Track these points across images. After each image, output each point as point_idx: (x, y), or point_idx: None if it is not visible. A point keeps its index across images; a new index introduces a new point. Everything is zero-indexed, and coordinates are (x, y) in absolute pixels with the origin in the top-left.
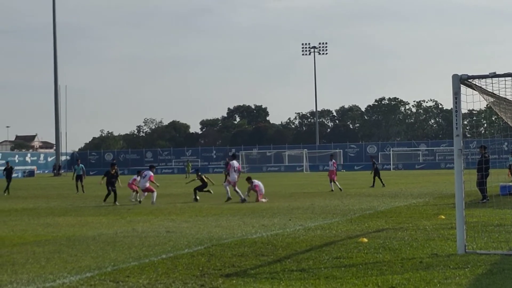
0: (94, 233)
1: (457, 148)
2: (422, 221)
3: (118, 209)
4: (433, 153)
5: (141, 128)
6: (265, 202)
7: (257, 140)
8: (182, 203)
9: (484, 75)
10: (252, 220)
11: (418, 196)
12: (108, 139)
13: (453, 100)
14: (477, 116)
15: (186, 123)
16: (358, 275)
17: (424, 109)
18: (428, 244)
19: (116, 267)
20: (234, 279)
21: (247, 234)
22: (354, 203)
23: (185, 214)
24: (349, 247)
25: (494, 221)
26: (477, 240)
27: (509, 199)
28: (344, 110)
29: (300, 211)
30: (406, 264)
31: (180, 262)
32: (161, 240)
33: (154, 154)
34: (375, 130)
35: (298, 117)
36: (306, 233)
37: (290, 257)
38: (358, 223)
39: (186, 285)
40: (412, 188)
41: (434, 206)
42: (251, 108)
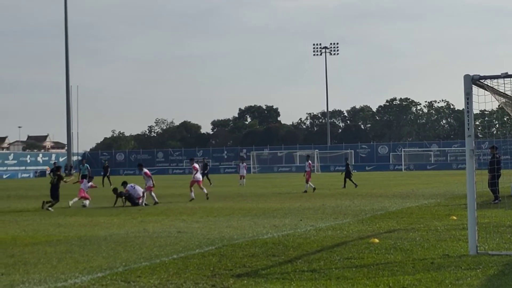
0: (105, 233)
1: (469, 148)
2: (434, 221)
3: (129, 209)
4: (445, 154)
5: (152, 129)
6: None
7: (268, 140)
8: (192, 204)
9: (496, 75)
10: (263, 220)
11: (430, 196)
12: (120, 139)
13: (465, 100)
14: (489, 116)
15: (197, 124)
16: (369, 276)
17: (435, 110)
18: (439, 245)
19: (127, 267)
20: (245, 280)
21: (258, 235)
22: (365, 203)
23: (196, 215)
24: (360, 247)
25: (506, 222)
26: (489, 241)
27: None
28: (356, 110)
29: (311, 211)
30: (417, 265)
31: (191, 263)
32: (172, 241)
33: (165, 154)
34: (386, 130)
35: (309, 118)
36: (317, 234)
37: (301, 257)
38: (369, 224)
39: (197, 285)
40: (424, 188)
41: (445, 207)
42: (262, 109)
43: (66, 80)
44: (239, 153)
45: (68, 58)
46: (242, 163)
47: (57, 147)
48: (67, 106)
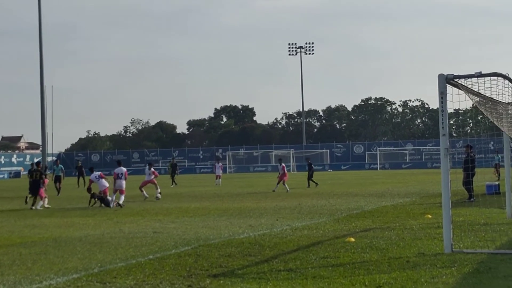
0: (80, 234)
1: (444, 147)
2: (409, 220)
3: (104, 210)
4: (420, 153)
5: (127, 129)
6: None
7: (244, 140)
8: (168, 204)
9: (470, 74)
10: (239, 220)
11: (405, 195)
12: (95, 139)
13: (439, 99)
14: (463, 115)
15: (172, 124)
16: (345, 275)
17: (410, 109)
18: (415, 243)
19: (103, 268)
20: (221, 280)
21: (234, 235)
22: (341, 203)
23: (172, 215)
24: (336, 246)
25: (480, 220)
26: (464, 239)
27: (495, 198)
28: (331, 110)
29: (287, 211)
30: (393, 264)
31: (167, 263)
32: (148, 241)
33: (141, 154)
34: (361, 130)
35: (285, 117)
36: (293, 233)
37: (277, 257)
38: (345, 223)
39: (173, 286)
40: (399, 187)
41: (420, 206)
42: (238, 108)
43: (41, 81)
44: (215, 153)
45: (42, 59)
46: (218, 163)
47: (31, 148)
48: (42, 107)
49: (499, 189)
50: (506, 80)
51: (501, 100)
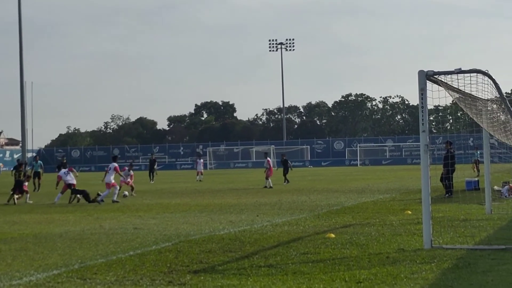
0: (61, 230)
1: (423, 143)
2: (389, 216)
3: (85, 206)
4: (400, 149)
5: (108, 125)
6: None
7: (224, 136)
8: (149, 200)
9: (450, 71)
10: (219, 216)
11: (385, 191)
12: (75, 135)
13: (419, 96)
14: (443, 112)
15: (153, 120)
16: (325, 271)
17: (390, 105)
18: (394, 239)
19: (83, 264)
20: (202, 275)
21: (215, 231)
22: (321, 198)
23: (152, 211)
24: (316, 242)
25: (460, 216)
26: (443, 235)
27: (475, 194)
28: (311, 106)
29: (267, 207)
30: (373, 259)
31: (148, 259)
32: (129, 237)
33: (121, 150)
34: (342, 126)
35: (265, 113)
36: (274, 229)
37: (258, 253)
38: (325, 219)
39: (154, 282)
40: (379, 183)
41: (400, 202)
42: (218, 105)
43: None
44: (195, 149)
45: (22, 55)
46: (200, 159)
47: (11, 144)
48: (21, 103)
49: (479, 185)
50: (485, 76)
51: (481, 97)
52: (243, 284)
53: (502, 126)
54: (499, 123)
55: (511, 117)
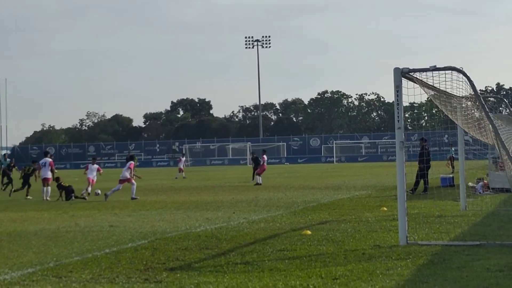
0: (35, 228)
1: (399, 140)
2: (365, 213)
3: (60, 204)
4: (375, 146)
5: (83, 122)
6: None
7: (200, 133)
8: (125, 197)
9: (425, 68)
10: (196, 213)
11: (361, 188)
12: (50, 133)
13: (395, 93)
14: (418, 109)
15: (129, 117)
16: (302, 267)
17: (366, 102)
18: (370, 235)
19: (58, 263)
20: (178, 273)
21: (191, 228)
22: (298, 195)
23: (128, 208)
24: (292, 239)
25: (435, 212)
26: (419, 231)
27: (450, 191)
28: (288, 103)
29: (244, 204)
30: (349, 256)
31: (124, 257)
32: (104, 235)
33: (97, 148)
34: (318, 123)
35: (241, 110)
36: (250, 226)
37: (234, 250)
38: (301, 216)
39: (130, 280)
40: (355, 180)
41: (376, 198)
42: (194, 102)
43: None
44: (171, 146)
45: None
46: (183, 157)
47: None
48: None
49: (453, 182)
50: (460, 74)
51: (456, 94)
52: (219, 281)
53: (476, 123)
54: (474, 120)
55: (485, 114)
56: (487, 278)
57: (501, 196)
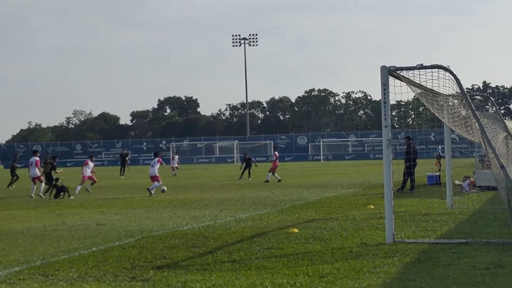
0: (22, 227)
1: (386, 138)
2: (352, 211)
3: (47, 202)
4: (362, 144)
5: (70, 120)
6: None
7: (187, 131)
8: (112, 196)
9: (412, 66)
10: (183, 212)
11: (348, 186)
12: (36, 131)
13: (382, 91)
14: (405, 107)
15: (116, 115)
16: (289, 265)
17: (353, 100)
18: (357, 233)
19: (45, 261)
20: (165, 271)
21: (178, 226)
22: (285, 194)
23: (115, 207)
24: (280, 237)
25: (421, 210)
26: (405, 229)
27: (436, 189)
28: (275, 101)
29: (231, 202)
30: (336, 254)
31: (111, 255)
32: (91, 233)
33: (84, 146)
34: (305, 121)
35: (228, 109)
36: (237, 224)
37: (222, 248)
38: (288, 214)
39: (117, 278)
40: (342, 178)
41: (363, 196)
42: (181, 100)
43: None
44: (159, 144)
45: None
46: (176, 155)
47: None
48: None
49: (440, 180)
50: (447, 72)
51: (442, 92)
52: (206, 280)
53: (463, 121)
54: (460, 118)
55: (472, 112)
56: (473, 275)
57: (488, 194)
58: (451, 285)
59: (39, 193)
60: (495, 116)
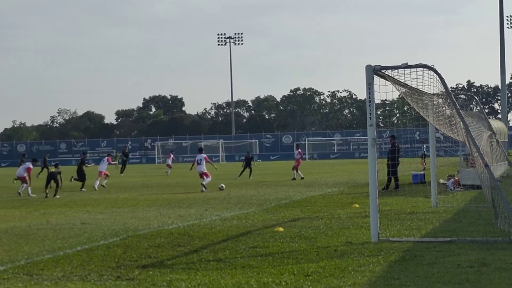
0: (6, 226)
1: (371, 137)
2: (337, 210)
3: (31, 201)
4: (348, 143)
5: (55, 119)
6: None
7: (173, 130)
8: (97, 195)
9: (397, 65)
10: (168, 210)
11: (333, 185)
12: (21, 130)
13: (367, 90)
14: (390, 106)
15: (101, 114)
16: (274, 264)
17: (338, 99)
18: (342, 232)
19: (29, 260)
20: (150, 270)
21: (164, 225)
22: (270, 192)
23: (100, 206)
24: (265, 236)
25: (406, 209)
26: (390, 228)
27: (421, 188)
28: (260, 100)
29: (216, 201)
30: (321, 253)
31: (96, 254)
32: (76, 232)
33: (68, 145)
34: (290, 120)
35: (214, 108)
36: (223, 223)
37: (207, 247)
38: (274, 213)
39: (102, 277)
40: (327, 177)
41: (348, 195)
42: (166, 99)
43: None
44: (144, 143)
45: None
46: (172, 153)
47: None
48: None
49: (425, 179)
50: (431, 71)
51: (427, 91)
52: (192, 279)
53: (447, 120)
54: (445, 117)
55: (456, 111)
56: (458, 274)
57: (472, 193)
58: (435, 284)
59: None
60: (479, 115)
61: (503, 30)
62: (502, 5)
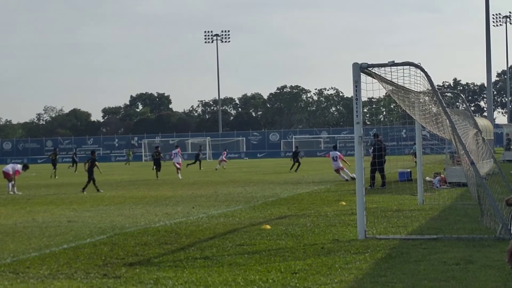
0: None
1: (358, 135)
2: (324, 207)
3: (17, 199)
4: (334, 141)
5: (41, 116)
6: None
7: (160, 128)
8: (83, 193)
9: (383, 63)
10: (155, 208)
11: (320, 183)
12: (7, 127)
13: (354, 88)
14: (377, 104)
15: (87, 111)
16: (261, 262)
17: (325, 97)
18: (329, 230)
19: (15, 258)
20: (137, 268)
21: (150, 223)
22: (257, 190)
23: (87, 203)
24: (252, 234)
25: (393, 206)
26: (377, 226)
27: (407, 185)
28: (247, 98)
29: (203, 199)
30: (308, 250)
31: (82, 252)
32: (63, 230)
33: (55, 142)
34: (277, 117)
35: (201, 105)
36: (210, 221)
37: (194, 245)
38: (261, 210)
39: (89, 275)
40: (314, 175)
41: (335, 193)
42: (153, 96)
43: None
44: (130, 141)
45: None
46: (176, 148)
47: None
48: None
49: (411, 176)
50: (418, 69)
51: (413, 89)
52: (179, 276)
53: (434, 118)
54: (431, 115)
55: (443, 109)
56: (444, 271)
57: (458, 190)
58: (422, 281)
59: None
60: (465, 113)
61: (489, 28)
62: (488, 3)
